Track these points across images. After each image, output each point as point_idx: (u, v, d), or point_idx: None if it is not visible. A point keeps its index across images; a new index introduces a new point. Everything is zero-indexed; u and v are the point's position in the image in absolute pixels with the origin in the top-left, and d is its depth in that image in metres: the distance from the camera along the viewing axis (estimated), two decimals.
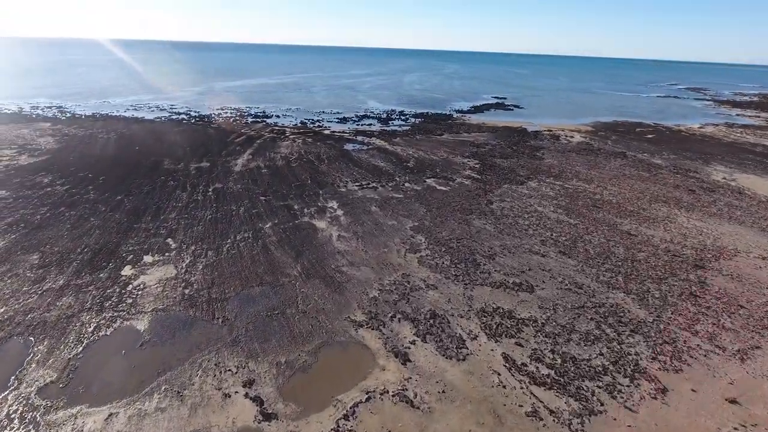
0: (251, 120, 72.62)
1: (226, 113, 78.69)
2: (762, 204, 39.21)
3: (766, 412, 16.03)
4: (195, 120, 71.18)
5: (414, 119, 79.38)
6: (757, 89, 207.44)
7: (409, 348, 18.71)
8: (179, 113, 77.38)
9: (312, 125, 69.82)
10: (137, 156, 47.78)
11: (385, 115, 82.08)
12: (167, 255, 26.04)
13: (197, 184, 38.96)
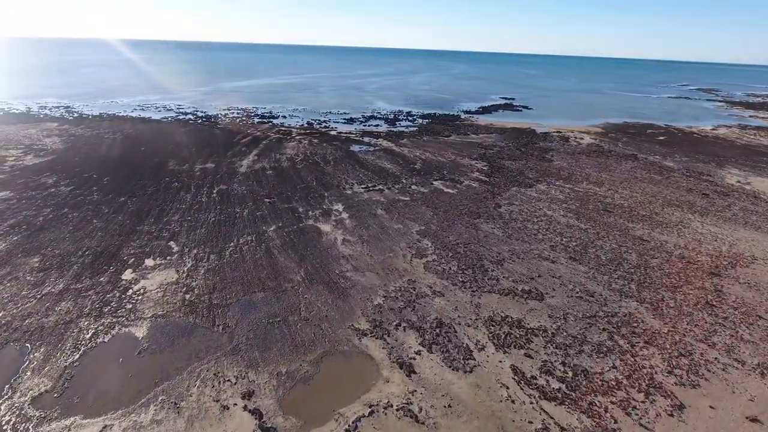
0: (258, 120, 72.30)
1: (232, 113, 78.46)
2: None
3: None
4: (201, 120, 70.98)
5: (421, 120, 78.71)
6: None
7: (415, 359, 18.09)
8: (186, 113, 77.26)
9: (318, 126, 69.37)
10: (143, 157, 47.53)
11: (392, 116, 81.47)
12: (169, 258, 25.61)
13: (201, 185, 38.58)
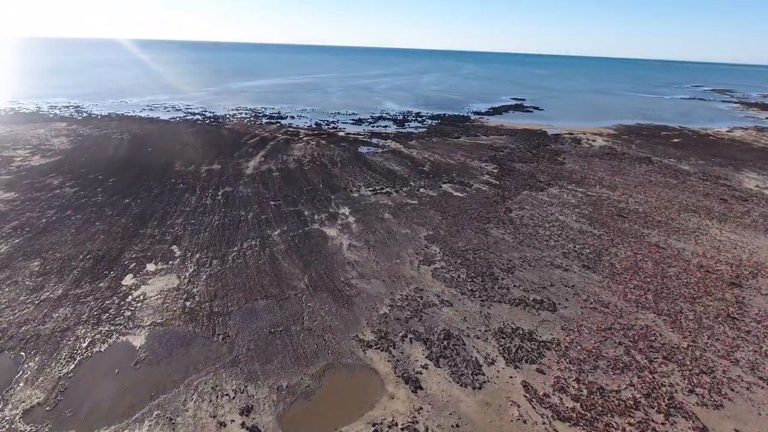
0: (265, 121, 71.87)
1: (240, 114, 78.15)
2: None
3: None
4: (209, 121, 70.69)
5: (430, 121, 77.83)
6: None
7: (421, 373, 17.31)
8: (194, 113, 77.07)
9: (326, 127, 68.78)
10: (149, 157, 47.20)
11: (401, 117, 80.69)
12: (171, 263, 25.05)
13: (207, 187, 38.09)
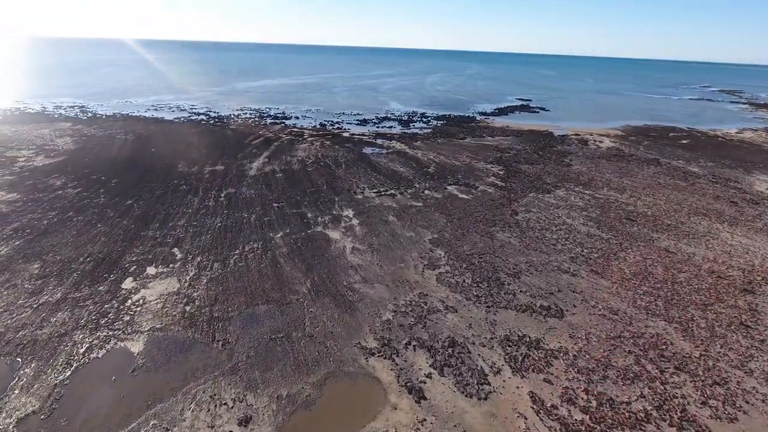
0: (270, 121, 71.60)
1: (245, 114, 77.93)
2: None
3: None
4: (214, 121, 70.50)
5: (436, 121, 77.29)
6: None
7: (425, 382, 16.84)
8: (198, 113, 76.92)
9: (331, 127, 68.40)
10: (153, 158, 46.98)
11: (406, 117, 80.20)
12: (172, 266, 24.71)
13: (210, 188, 37.78)
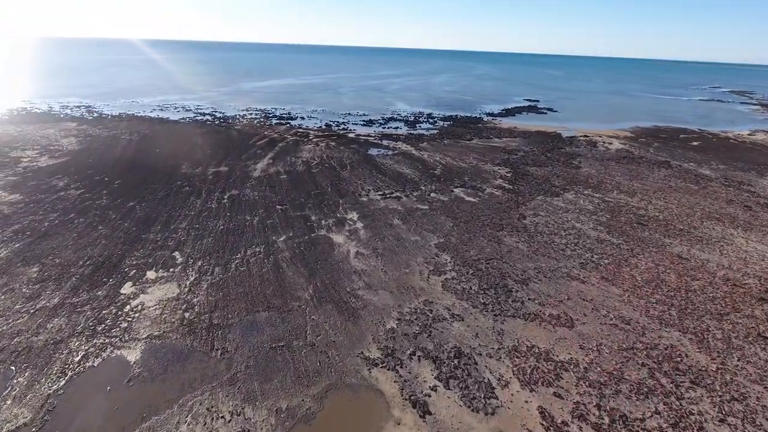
0: (275, 122, 71.20)
1: (250, 114, 77.61)
2: None
3: None
4: (219, 121, 70.20)
5: (442, 122, 76.57)
6: None
7: (430, 395, 16.21)
8: (204, 114, 76.69)
9: (336, 128, 67.88)
10: (156, 159, 46.66)
11: (413, 118, 79.55)
12: (172, 271, 24.23)
13: (213, 190, 37.34)
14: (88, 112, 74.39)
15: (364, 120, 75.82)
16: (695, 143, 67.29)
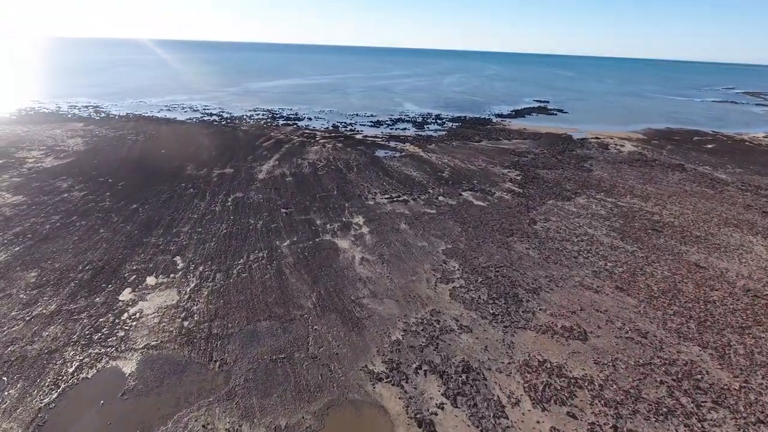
0: (282, 122, 70.69)
1: (257, 114, 77.19)
2: None
3: None
4: (226, 122, 69.81)
5: (451, 123, 75.64)
6: None
7: (436, 414, 15.41)
8: (211, 114, 76.38)
9: (344, 129, 67.22)
10: (161, 160, 46.25)
11: (421, 119, 78.70)
12: (172, 277, 23.63)
13: (217, 192, 36.78)
14: (95, 112, 74.36)
15: (371, 121, 75.11)
16: (710, 146, 65.82)
